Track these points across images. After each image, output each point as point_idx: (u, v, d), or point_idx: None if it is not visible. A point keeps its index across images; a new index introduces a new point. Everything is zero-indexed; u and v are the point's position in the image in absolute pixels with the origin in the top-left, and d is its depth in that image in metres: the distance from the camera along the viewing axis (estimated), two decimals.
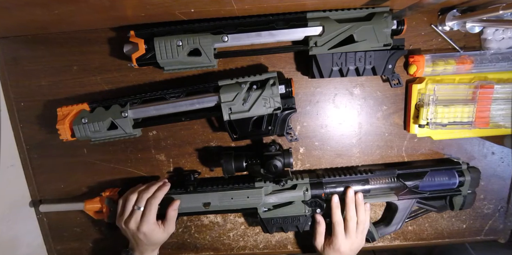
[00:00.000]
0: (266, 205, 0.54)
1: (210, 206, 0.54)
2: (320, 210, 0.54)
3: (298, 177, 0.56)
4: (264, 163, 0.51)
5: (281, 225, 0.55)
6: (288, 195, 0.54)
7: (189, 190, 0.54)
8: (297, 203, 0.54)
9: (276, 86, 0.50)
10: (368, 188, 0.55)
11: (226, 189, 0.54)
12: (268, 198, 0.54)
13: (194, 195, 0.54)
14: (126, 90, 0.58)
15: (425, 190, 0.56)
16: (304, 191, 0.54)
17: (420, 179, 0.55)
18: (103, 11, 0.44)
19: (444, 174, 0.56)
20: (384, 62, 0.51)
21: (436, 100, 0.54)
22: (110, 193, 0.56)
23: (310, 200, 0.54)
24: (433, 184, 0.55)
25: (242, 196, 0.54)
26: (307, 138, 0.60)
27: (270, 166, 0.51)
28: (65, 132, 0.52)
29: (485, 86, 0.54)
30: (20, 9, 0.41)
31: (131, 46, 0.50)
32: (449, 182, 0.55)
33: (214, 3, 0.43)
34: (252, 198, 0.53)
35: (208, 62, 0.50)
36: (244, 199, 0.54)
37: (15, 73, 0.58)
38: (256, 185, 0.54)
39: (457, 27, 0.54)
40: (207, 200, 0.54)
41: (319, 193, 0.54)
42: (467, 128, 0.55)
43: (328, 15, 0.50)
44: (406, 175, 0.55)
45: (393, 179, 0.55)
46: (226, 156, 0.53)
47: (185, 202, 0.54)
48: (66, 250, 0.65)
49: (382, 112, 0.59)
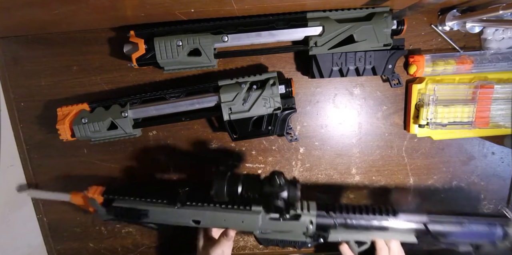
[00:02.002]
0: (263, 230, 0.49)
1: (200, 223, 0.49)
2: (323, 240, 0.48)
3: (304, 206, 0.49)
4: (263, 201, 0.45)
5: (278, 243, 0.50)
6: (288, 225, 0.48)
7: (175, 206, 0.50)
8: (297, 232, 0.49)
9: (276, 86, 0.50)
10: (386, 226, 0.48)
11: (217, 209, 0.49)
12: (265, 225, 0.48)
13: (182, 211, 0.49)
14: (126, 90, 0.58)
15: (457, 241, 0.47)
16: (308, 224, 0.48)
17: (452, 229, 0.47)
18: (103, 11, 0.44)
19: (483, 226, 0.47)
20: (384, 62, 0.51)
21: (436, 100, 0.54)
22: (94, 193, 0.53)
23: (313, 233, 0.48)
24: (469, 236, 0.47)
25: (236, 219, 0.48)
26: (307, 138, 0.60)
27: (270, 207, 0.43)
28: (65, 132, 0.52)
29: (485, 86, 0.54)
30: (20, 9, 0.41)
31: (131, 46, 0.50)
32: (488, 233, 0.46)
33: (214, 3, 0.43)
34: (247, 223, 0.48)
35: (208, 62, 0.50)
36: (238, 223, 0.48)
37: (15, 73, 0.58)
38: (253, 209, 0.49)
39: (457, 27, 0.54)
40: (197, 218, 0.49)
41: (326, 226, 0.48)
42: (467, 127, 0.55)
43: (328, 15, 0.50)
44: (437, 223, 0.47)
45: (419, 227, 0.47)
46: (219, 176, 0.45)
47: (172, 217, 0.50)
48: (66, 250, 0.65)
49: (382, 112, 0.59)
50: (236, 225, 0.48)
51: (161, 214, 0.50)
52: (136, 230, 0.64)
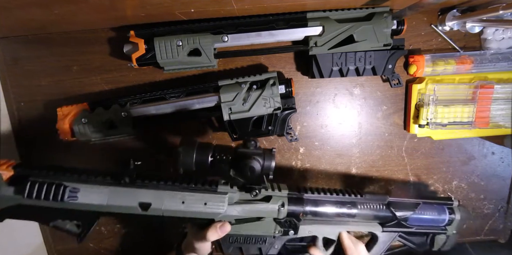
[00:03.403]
0: (227, 218, 0.42)
1: (149, 209, 0.39)
2: (294, 232, 0.44)
3: (275, 187, 0.45)
4: (237, 162, 0.39)
5: (240, 245, 0.43)
6: (258, 208, 0.42)
7: (122, 182, 0.38)
8: (267, 220, 0.43)
9: (276, 86, 0.50)
10: (354, 212, 0.47)
11: (176, 188, 0.40)
12: (232, 209, 0.41)
13: (128, 190, 0.39)
14: (126, 90, 0.58)
15: (413, 224, 0.50)
16: (279, 206, 0.43)
17: (411, 211, 0.49)
18: (103, 11, 0.44)
19: (434, 209, 0.51)
20: (384, 62, 0.51)
21: (436, 100, 0.54)
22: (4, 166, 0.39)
23: (284, 219, 0.43)
24: (423, 218, 0.50)
25: (197, 200, 0.40)
26: (307, 138, 0.60)
27: (245, 168, 0.38)
28: (65, 132, 0.52)
29: (485, 86, 0.54)
30: (20, 9, 0.41)
31: (131, 46, 0.50)
32: (438, 218, 0.51)
33: (214, 3, 0.43)
34: (211, 206, 0.40)
35: (208, 62, 0.50)
36: (199, 205, 0.40)
37: (15, 73, 0.58)
38: (219, 189, 0.41)
39: (457, 27, 0.54)
40: (146, 200, 0.39)
41: (297, 211, 0.44)
42: (467, 127, 0.55)
43: (328, 15, 0.50)
44: (398, 204, 0.49)
45: (382, 207, 0.48)
46: (187, 143, 0.39)
47: (114, 197, 0.38)
48: (66, 250, 0.65)
49: (382, 112, 0.59)
50: (197, 208, 0.40)
51: (97, 195, 0.38)
52: (136, 230, 0.64)
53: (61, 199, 0.37)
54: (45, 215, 0.39)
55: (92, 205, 0.38)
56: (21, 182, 0.37)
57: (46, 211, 0.38)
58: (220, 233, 0.41)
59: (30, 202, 0.37)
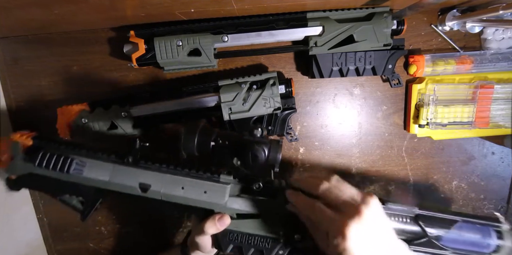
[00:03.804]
0: (228, 211, 0.39)
1: (148, 191, 0.39)
2: (300, 235, 0.39)
3: (282, 183, 0.41)
4: (240, 149, 0.37)
5: (240, 244, 0.39)
6: (262, 203, 0.39)
7: (126, 160, 0.39)
8: (271, 218, 0.39)
9: (276, 86, 0.50)
10: None
11: (177, 173, 0.39)
12: (232, 201, 0.39)
13: (130, 169, 0.39)
14: (126, 90, 0.58)
15: (448, 246, 0.39)
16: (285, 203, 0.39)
17: (446, 229, 0.39)
18: (103, 11, 0.44)
19: (477, 230, 0.40)
20: (384, 62, 0.51)
21: (436, 100, 0.54)
22: (23, 136, 0.43)
23: (290, 218, 0.38)
24: (461, 240, 0.40)
25: (197, 187, 0.39)
26: (307, 138, 0.60)
27: (247, 155, 0.36)
28: (65, 131, 0.52)
29: (485, 86, 0.54)
30: (20, 9, 0.41)
31: (131, 46, 0.50)
32: (482, 242, 0.40)
33: (214, 3, 0.43)
34: (211, 195, 0.39)
35: (208, 62, 0.50)
36: (199, 193, 0.38)
37: (15, 73, 0.58)
38: (221, 179, 0.40)
39: (457, 27, 0.54)
40: (147, 181, 0.39)
41: None
42: (467, 127, 0.55)
43: (328, 15, 0.50)
44: (429, 219, 0.39)
45: (408, 220, 0.39)
46: (190, 127, 0.39)
47: (116, 175, 0.39)
48: (66, 250, 0.65)
49: (382, 112, 0.59)
50: (196, 196, 0.38)
51: (101, 171, 0.39)
52: (136, 230, 0.64)
53: (67, 170, 0.39)
54: (53, 187, 0.41)
55: (95, 180, 0.39)
56: (35, 152, 0.40)
57: (55, 183, 0.40)
58: (219, 226, 0.38)
59: (40, 172, 0.40)
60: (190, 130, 0.38)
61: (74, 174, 0.39)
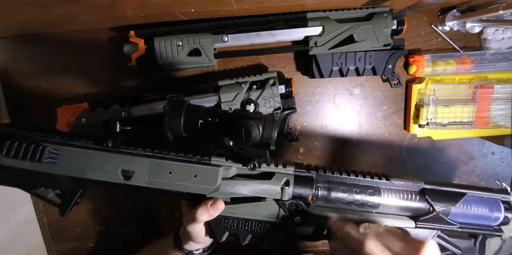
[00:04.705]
0: (221, 195, 0.36)
1: (132, 178, 0.35)
2: (301, 218, 0.36)
3: (279, 163, 0.38)
4: (232, 127, 0.33)
5: (236, 231, 0.36)
6: (258, 186, 0.36)
7: (105, 144, 0.35)
8: (268, 201, 0.36)
9: (276, 86, 0.50)
10: (377, 202, 0.38)
11: (163, 157, 0.36)
12: (226, 185, 0.36)
13: (110, 155, 0.35)
14: (126, 90, 0.58)
15: (456, 221, 0.39)
16: (283, 185, 0.36)
17: (453, 203, 0.38)
18: (103, 11, 0.44)
19: (485, 203, 0.39)
20: (384, 62, 0.51)
21: (436, 100, 0.54)
22: None
23: (289, 201, 0.36)
24: (469, 214, 0.39)
25: (186, 172, 0.35)
26: (307, 138, 0.60)
27: (240, 132, 0.32)
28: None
29: (485, 86, 0.54)
30: (20, 9, 0.41)
31: (131, 46, 0.50)
32: (490, 215, 0.39)
33: (214, 3, 0.43)
34: (202, 179, 0.35)
35: (208, 62, 0.50)
36: (188, 178, 0.35)
37: (15, 73, 0.58)
38: (212, 161, 0.36)
39: (457, 27, 0.54)
40: (130, 168, 0.35)
41: (306, 193, 0.37)
42: (467, 127, 0.55)
43: (328, 15, 0.50)
44: (435, 193, 0.38)
45: (415, 195, 0.38)
46: (175, 104, 0.34)
47: (95, 161, 0.35)
48: (66, 250, 0.65)
49: (382, 112, 0.59)
50: (185, 180, 0.35)
51: (77, 158, 0.35)
52: (136, 230, 0.64)
53: (38, 159, 0.34)
54: (25, 180, 0.36)
55: (71, 168, 0.35)
56: (2, 141, 0.35)
57: (27, 175, 0.35)
58: (212, 212, 0.35)
59: (10, 163, 0.35)
60: (175, 107, 0.33)
61: (47, 163, 0.35)
